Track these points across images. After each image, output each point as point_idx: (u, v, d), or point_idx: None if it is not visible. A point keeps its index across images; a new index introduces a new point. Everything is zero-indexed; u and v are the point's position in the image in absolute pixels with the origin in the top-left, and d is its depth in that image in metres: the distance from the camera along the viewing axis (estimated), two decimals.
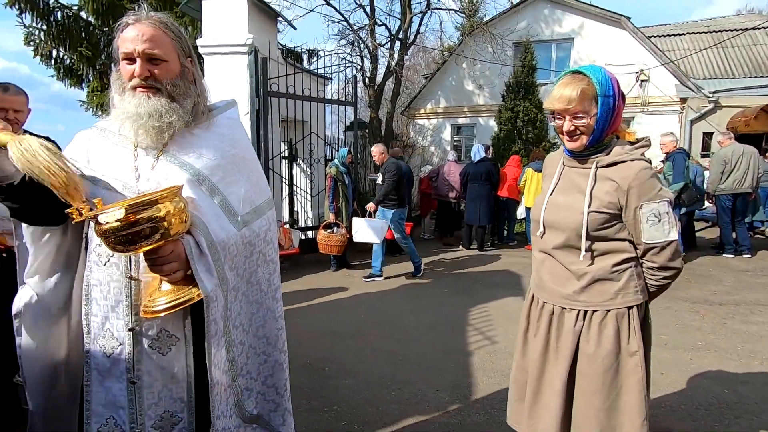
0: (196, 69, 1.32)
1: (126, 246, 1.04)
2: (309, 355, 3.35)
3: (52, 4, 7.68)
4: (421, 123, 13.50)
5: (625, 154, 1.36)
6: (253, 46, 5.68)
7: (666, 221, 1.32)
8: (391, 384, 2.89)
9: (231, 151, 1.31)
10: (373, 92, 11.14)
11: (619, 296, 1.38)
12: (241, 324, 1.33)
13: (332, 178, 5.96)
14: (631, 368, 1.37)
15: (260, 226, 1.34)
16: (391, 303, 4.67)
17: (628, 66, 11.32)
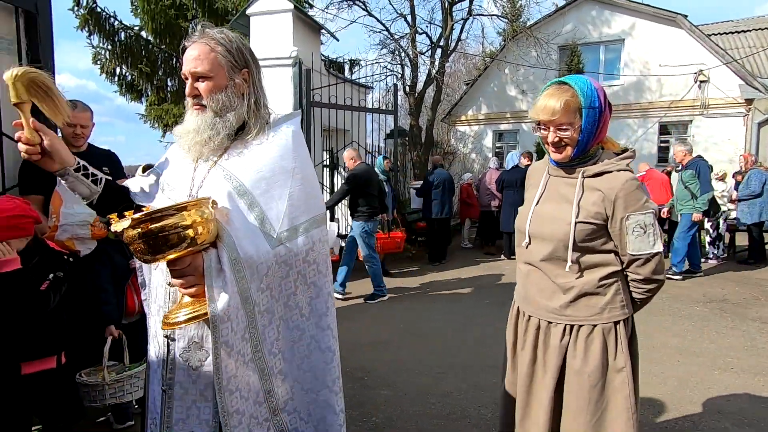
0: (252, 80, 1.28)
1: (151, 254, 1.04)
2: (348, 363, 3.35)
3: (117, 25, 8.31)
4: (461, 130, 13.35)
5: (611, 165, 1.35)
6: (297, 59, 5.85)
7: (651, 233, 1.31)
8: (430, 397, 2.84)
9: (280, 163, 1.23)
10: (413, 100, 11.15)
11: (606, 311, 1.36)
12: (280, 351, 1.23)
13: None
14: (617, 385, 1.34)
15: (300, 245, 1.22)
16: (431, 313, 4.60)
17: (686, 66, 10.67)
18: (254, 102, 1.28)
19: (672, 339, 3.75)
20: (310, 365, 1.28)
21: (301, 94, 5.89)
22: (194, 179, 1.25)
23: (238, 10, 7.21)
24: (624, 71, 11.65)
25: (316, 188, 1.33)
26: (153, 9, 8.25)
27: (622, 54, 11.67)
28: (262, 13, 5.95)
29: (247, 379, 1.17)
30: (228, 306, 1.09)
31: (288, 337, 1.25)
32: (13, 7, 2.49)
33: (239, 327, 1.13)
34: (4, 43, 2.56)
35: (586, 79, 1.36)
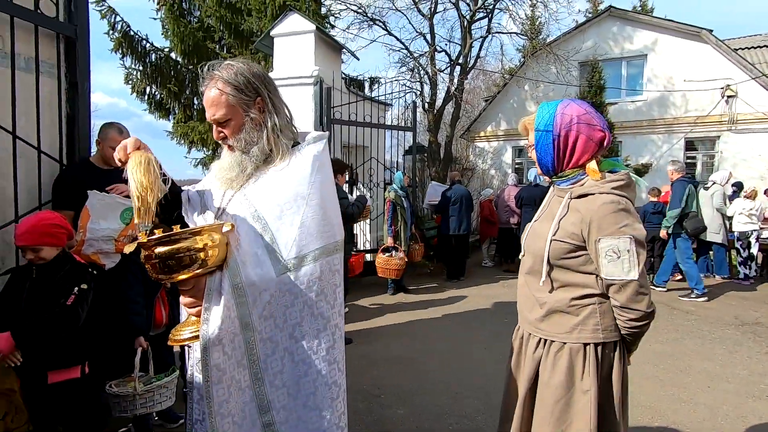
0: (268, 107, 1.29)
1: (165, 274, 1.09)
2: (363, 380, 3.33)
3: (148, 47, 8.71)
4: (480, 146, 13.33)
5: (595, 187, 1.36)
6: (318, 78, 6.00)
7: (626, 259, 1.28)
8: (448, 418, 2.79)
9: (296, 189, 1.22)
10: (432, 117, 11.23)
11: (576, 331, 1.37)
12: (284, 385, 1.20)
13: (391, 201, 6.02)
14: (581, 406, 1.34)
15: (308, 273, 1.18)
16: (449, 330, 4.55)
17: (712, 81, 10.45)
18: (273, 129, 1.29)
19: (701, 363, 3.60)
20: (316, 402, 1.23)
21: (322, 111, 6.02)
22: (221, 203, 1.30)
23: (263, 31, 7.46)
24: (647, 86, 11.48)
25: (332, 215, 1.28)
26: (182, 31, 8.62)
27: (645, 69, 11.52)
28: (286, 34, 6.15)
29: (242, 406, 1.15)
30: (220, 329, 1.08)
31: (293, 372, 1.21)
32: (55, 33, 2.65)
33: (235, 353, 1.12)
34: (46, 67, 2.71)
35: (555, 104, 1.42)
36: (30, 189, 2.55)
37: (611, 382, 1.36)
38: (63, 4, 2.67)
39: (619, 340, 1.37)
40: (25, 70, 2.57)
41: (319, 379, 1.23)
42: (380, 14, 10.97)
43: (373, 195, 7.18)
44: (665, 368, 3.52)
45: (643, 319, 1.31)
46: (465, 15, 10.96)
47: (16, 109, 2.45)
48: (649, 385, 3.20)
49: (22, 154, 2.54)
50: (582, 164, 1.39)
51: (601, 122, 1.39)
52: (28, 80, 2.56)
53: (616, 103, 11.02)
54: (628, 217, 1.30)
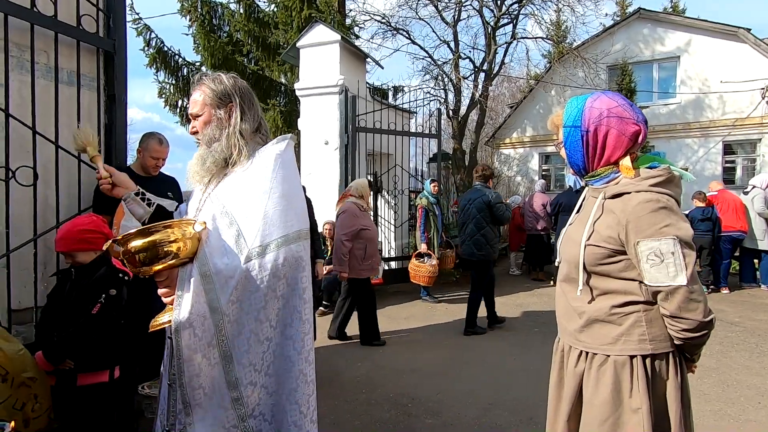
0: (236, 114, 1.42)
1: (144, 266, 1.23)
2: (391, 389, 3.28)
3: (180, 62, 9.05)
4: (506, 153, 13.15)
5: (631, 185, 1.24)
6: (343, 87, 6.06)
7: (671, 262, 1.15)
8: (478, 429, 2.70)
9: (258, 184, 1.33)
10: (456, 124, 11.18)
11: (620, 342, 1.25)
12: (251, 363, 1.30)
13: (423, 208, 5.96)
14: (631, 427, 1.21)
15: (270, 260, 1.28)
16: (478, 341, 4.44)
17: (751, 82, 10.00)
18: (234, 131, 1.41)
19: (750, 378, 3.38)
20: (276, 370, 1.35)
21: (347, 120, 6.07)
22: (198, 205, 1.46)
23: (289, 43, 7.63)
24: (681, 89, 11.10)
25: (295, 206, 1.38)
26: (212, 46, 8.92)
27: (678, 71, 11.16)
28: (312, 45, 6.26)
29: (211, 380, 1.27)
30: (190, 313, 1.21)
31: (259, 350, 1.32)
32: (95, 47, 2.77)
33: (205, 334, 1.24)
34: (86, 80, 2.84)
35: (580, 100, 1.34)
36: (70, 196, 2.65)
37: (666, 400, 1.22)
38: (102, 21, 2.79)
39: (672, 351, 1.24)
40: (67, 83, 2.69)
41: (277, 350, 1.35)
42: (404, 24, 11.07)
43: (398, 202, 7.16)
44: (710, 383, 3.31)
45: (699, 329, 1.17)
46: (489, 21, 10.92)
47: (59, 121, 2.56)
48: (694, 400, 3.01)
49: (63, 163, 2.64)
50: (615, 161, 1.29)
51: (635, 115, 1.28)
52: (70, 93, 2.67)
53: (647, 107, 10.68)
54: (670, 216, 1.18)
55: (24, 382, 1.84)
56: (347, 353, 4.08)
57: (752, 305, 5.61)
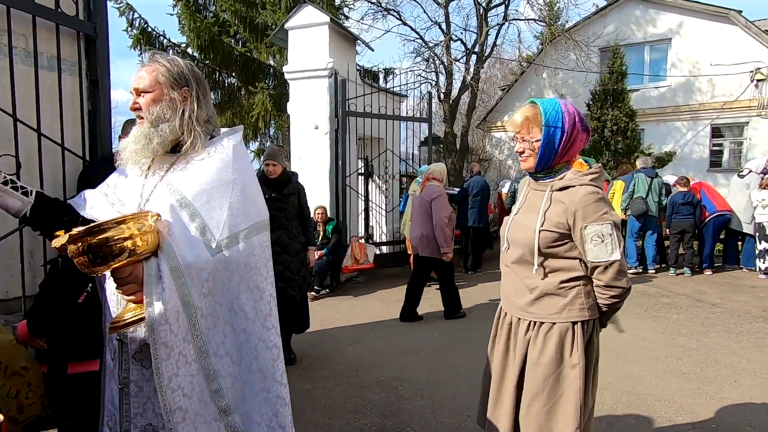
0: (191, 98, 1.37)
1: (95, 266, 1.14)
2: (382, 372, 3.35)
3: (165, 43, 8.82)
4: (497, 136, 13.13)
5: (575, 180, 1.49)
6: (333, 70, 5.97)
7: (609, 242, 1.42)
8: (467, 410, 2.78)
9: (221, 176, 1.31)
10: (447, 107, 11.10)
11: (565, 311, 1.50)
12: (227, 354, 1.29)
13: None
14: (571, 379, 1.48)
15: (240, 251, 1.28)
16: (469, 323, 4.53)
17: (740, 65, 10.03)
18: (190, 116, 1.36)
19: (728, 357, 3.50)
20: (260, 366, 1.34)
21: (337, 104, 6.00)
22: (143, 194, 1.36)
23: (277, 24, 7.47)
24: (671, 72, 11.10)
25: (256, 197, 1.39)
26: (198, 27, 8.69)
27: (669, 54, 11.13)
28: (300, 26, 6.13)
29: (190, 379, 1.24)
30: (165, 310, 1.17)
31: (235, 341, 1.31)
32: (76, 31, 2.69)
33: (180, 329, 1.21)
34: (67, 65, 2.76)
35: (555, 102, 1.52)
36: (55, 185, 2.61)
37: (588, 356, 1.51)
38: (82, 3, 2.71)
39: (596, 318, 1.53)
40: (48, 69, 2.62)
41: (259, 344, 1.33)
42: (394, 4, 10.86)
43: (389, 187, 7.15)
44: (690, 362, 3.43)
45: (623, 295, 1.47)
46: (481, 2, 10.75)
47: (40, 107, 2.51)
48: (673, 379, 3.14)
49: (47, 151, 2.59)
50: (569, 160, 1.53)
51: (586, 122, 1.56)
52: (51, 78, 2.61)
53: (638, 90, 10.69)
54: (607, 205, 1.46)
55: (17, 371, 1.85)
56: (338, 337, 4.14)
57: (733, 286, 5.77)
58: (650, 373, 3.23)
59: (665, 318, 4.53)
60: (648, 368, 3.32)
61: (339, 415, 2.75)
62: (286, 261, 3.42)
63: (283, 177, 3.47)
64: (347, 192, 6.24)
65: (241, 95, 9.69)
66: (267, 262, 1.38)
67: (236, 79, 9.62)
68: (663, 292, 5.51)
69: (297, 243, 3.50)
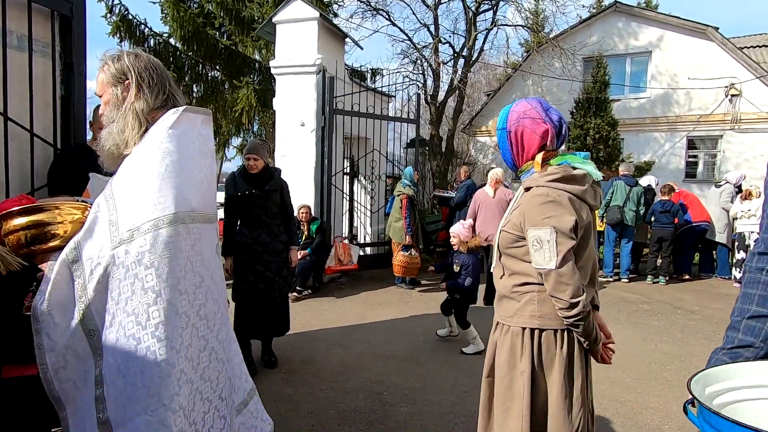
0: (132, 89, 1.36)
1: (28, 247, 1.21)
2: (366, 376, 3.26)
3: (147, 32, 8.51)
4: (482, 140, 13.21)
5: (533, 180, 1.46)
6: (321, 66, 5.86)
7: (547, 249, 1.35)
8: (453, 417, 2.71)
9: (138, 166, 1.26)
10: (434, 109, 11.10)
11: (516, 316, 1.47)
12: (115, 361, 1.19)
13: (408, 198, 5.85)
14: (518, 387, 1.44)
15: (137, 246, 1.19)
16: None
17: (716, 80, 10.36)
18: (132, 110, 1.35)
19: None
20: (144, 381, 1.17)
21: (324, 101, 5.89)
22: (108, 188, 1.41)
23: (265, 18, 7.31)
24: (651, 84, 11.38)
25: (176, 186, 1.25)
26: (182, 17, 8.41)
27: (650, 66, 11.42)
28: (288, 21, 6.00)
29: (83, 374, 1.21)
30: (48, 300, 1.16)
31: (125, 346, 1.18)
32: (50, 10, 2.52)
33: (65, 321, 1.19)
34: (39, 45, 2.59)
35: (510, 105, 1.57)
36: (22, 173, 2.44)
37: (552, 369, 1.42)
38: None
39: (563, 330, 1.43)
40: (17, 49, 2.45)
41: (148, 355, 1.18)
42: (384, 4, 10.80)
43: (375, 187, 7.07)
44: (673, 369, 3.46)
45: (569, 308, 1.34)
46: (470, 6, 10.80)
47: (8, 90, 2.33)
48: (658, 386, 3.15)
49: (14, 136, 2.42)
50: (533, 157, 1.49)
51: (545, 116, 1.47)
52: (21, 59, 2.43)
53: (619, 100, 10.92)
54: (556, 209, 1.38)
55: None
56: (321, 339, 4.03)
57: (709, 294, 5.91)
58: (635, 380, 3.24)
59: (646, 324, 4.58)
60: (632, 375, 3.33)
61: (323, 422, 2.65)
62: (267, 261, 3.29)
63: (265, 172, 3.33)
64: (332, 191, 6.13)
65: (224, 89, 9.43)
66: (170, 261, 1.21)
67: (220, 73, 9.37)
68: (643, 299, 5.59)
69: (278, 242, 3.37)
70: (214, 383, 1.32)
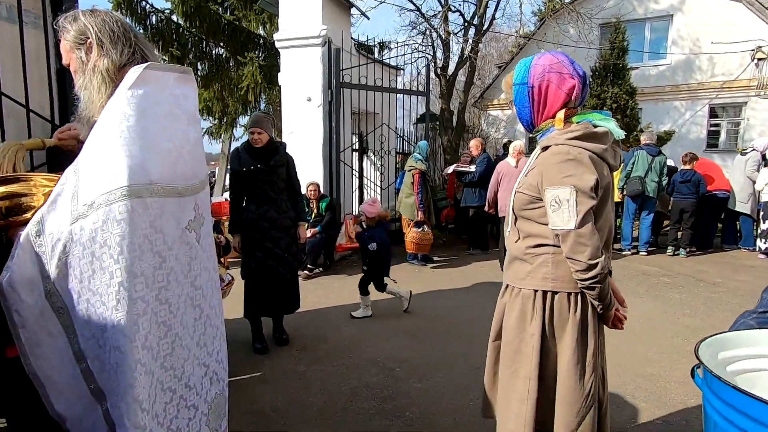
0: (94, 48, 1.27)
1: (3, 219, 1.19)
2: (378, 352, 3.21)
3: (148, 8, 8.33)
4: (494, 114, 12.88)
5: (553, 139, 1.39)
6: (326, 38, 5.66)
7: (566, 209, 1.30)
8: (468, 393, 2.65)
9: (98, 131, 1.16)
10: (444, 82, 10.78)
11: (528, 278, 1.43)
12: (93, 336, 1.14)
13: (420, 173, 5.69)
14: (527, 350, 1.42)
15: (90, 222, 1.10)
16: (471, 303, 4.39)
17: (742, 44, 9.82)
18: (97, 70, 1.26)
19: None
20: (110, 366, 1.13)
21: (331, 74, 5.71)
22: None
23: None
24: (672, 49, 10.87)
25: (132, 154, 1.12)
26: None
27: (670, 31, 10.88)
28: None
29: (58, 353, 1.16)
30: (11, 277, 1.11)
31: (96, 325, 1.13)
32: None
33: (32, 298, 1.14)
34: (31, 17, 2.48)
35: (530, 58, 1.46)
36: None
37: (564, 333, 1.39)
38: None
39: (577, 293, 1.38)
40: (7, 20, 2.34)
41: (112, 340, 1.13)
42: None
43: (384, 163, 6.93)
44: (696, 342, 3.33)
45: (586, 270, 1.29)
46: None
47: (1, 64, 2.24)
48: (681, 360, 3.04)
49: (11, 113, 2.35)
50: (554, 115, 1.41)
51: (572, 70, 1.40)
52: (11, 32, 2.33)
53: (637, 68, 10.45)
54: (576, 168, 1.31)
55: None
56: (332, 316, 3.99)
57: (733, 266, 5.71)
58: (657, 354, 3.14)
59: (667, 297, 4.44)
60: (654, 349, 3.22)
61: (335, 398, 2.61)
62: (275, 237, 3.21)
63: (270, 146, 3.22)
64: (341, 168, 6.01)
65: (229, 66, 9.26)
66: (121, 240, 1.10)
67: (224, 50, 9.19)
68: (663, 272, 5.43)
69: (286, 218, 3.28)
70: (178, 371, 1.24)
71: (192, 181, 1.28)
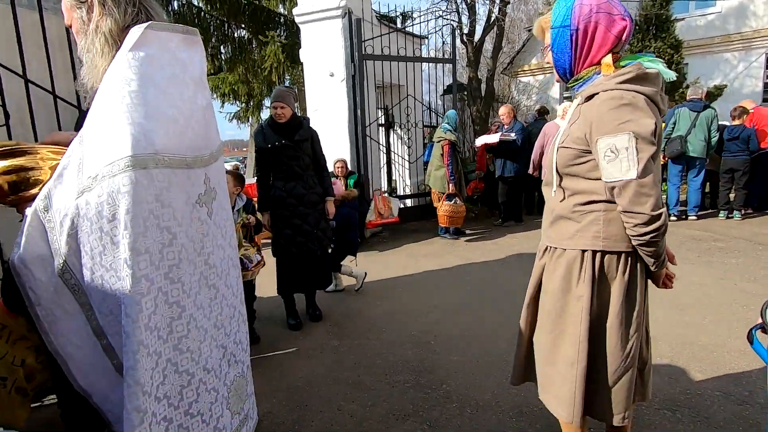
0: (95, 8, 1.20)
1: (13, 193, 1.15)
2: (412, 327, 3.16)
3: None
4: (525, 81, 12.30)
5: (602, 85, 1.26)
6: (346, 8, 5.48)
7: (625, 157, 1.19)
8: (506, 365, 2.56)
9: (100, 100, 1.09)
10: (471, 49, 10.33)
11: (576, 237, 1.34)
12: (111, 312, 1.11)
13: (450, 144, 5.51)
14: (574, 312, 1.35)
15: (95, 196, 1.05)
16: (508, 277, 4.26)
17: None
18: (100, 31, 1.19)
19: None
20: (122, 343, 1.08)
21: (353, 46, 5.54)
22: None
23: None
24: None
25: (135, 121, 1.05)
26: None
27: None
28: None
29: (77, 330, 1.13)
30: (23, 254, 1.08)
31: (113, 302, 1.09)
32: None
33: (45, 275, 1.10)
34: (50, 3, 2.49)
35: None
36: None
37: (610, 295, 1.31)
38: None
39: (628, 252, 1.30)
40: (28, 7, 2.36)
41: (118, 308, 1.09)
42: None
43: (411, 136, 6.76)
44: (757, 309, 3.07)
45: (648, 223, 1.19)
46: None
47: (24, 51, 2.26)
48: (741, 328, 2.82)
49: (39, 99, 2.39)
50: (599, 62, 1.29)
51: (624, 11, 1.27)
52: (32, 19, 2.35)
53: (682, 19, 9.62)
54: (632, 112, 1.19)
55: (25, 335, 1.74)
56: (366, 292, 3.97)
57: None
58: (713, 323, 2.92)
59: (722, 263, 4.13)
60: (710, 317, 3.00)
61: (370, 371, 2.59)
62: (304, 214, 3.18)
63: (294, 121, 3.15)
64: (368, 143, 5.90)
65: (252, 48, 9.22)
66: (125, 215, 1.04)
67: (246, 31, 9.14)
68: (716, 236, 5.07)
69: (314, 194, 3.24)
70: (195, 354, 1.19)
71: (202, 152, 1.22)
